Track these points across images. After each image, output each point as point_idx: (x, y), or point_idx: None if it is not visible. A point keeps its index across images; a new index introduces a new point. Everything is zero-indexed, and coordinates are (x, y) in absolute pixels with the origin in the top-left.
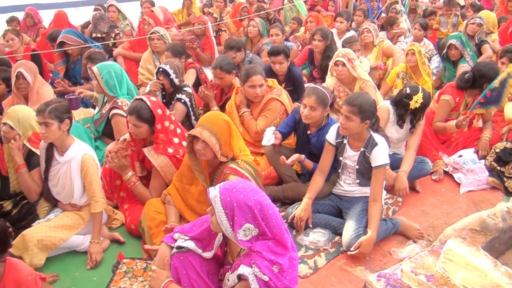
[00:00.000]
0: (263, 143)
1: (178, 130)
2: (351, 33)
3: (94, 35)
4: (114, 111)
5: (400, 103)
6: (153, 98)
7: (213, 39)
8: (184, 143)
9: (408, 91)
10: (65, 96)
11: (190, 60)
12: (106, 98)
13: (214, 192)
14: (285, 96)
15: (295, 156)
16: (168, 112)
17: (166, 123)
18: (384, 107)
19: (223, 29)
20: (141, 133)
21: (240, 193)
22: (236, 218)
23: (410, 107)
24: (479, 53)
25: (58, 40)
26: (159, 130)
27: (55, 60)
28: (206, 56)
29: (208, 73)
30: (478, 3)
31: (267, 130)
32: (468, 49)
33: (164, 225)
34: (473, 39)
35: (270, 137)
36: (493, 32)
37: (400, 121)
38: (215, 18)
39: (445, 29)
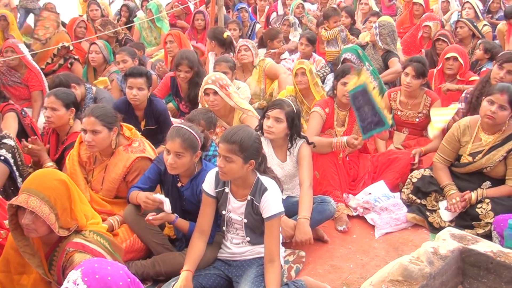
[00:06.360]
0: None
1: None
2: None
3: None
4: None
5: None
6: None
7: (38, 68)
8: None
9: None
10: None
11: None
12: None
13: None
14: (150, 149)
15: (162, 214)
16: None
17: None
18: None
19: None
20: None
21: (118, 279)
22: None
23: None
24: (386, 67)
25: None
26: None
27: None
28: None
29: (42, 120)
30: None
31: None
32: (367, 63)
33: None
34: (376, 49)
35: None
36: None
37: None
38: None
39: (335, 48)
